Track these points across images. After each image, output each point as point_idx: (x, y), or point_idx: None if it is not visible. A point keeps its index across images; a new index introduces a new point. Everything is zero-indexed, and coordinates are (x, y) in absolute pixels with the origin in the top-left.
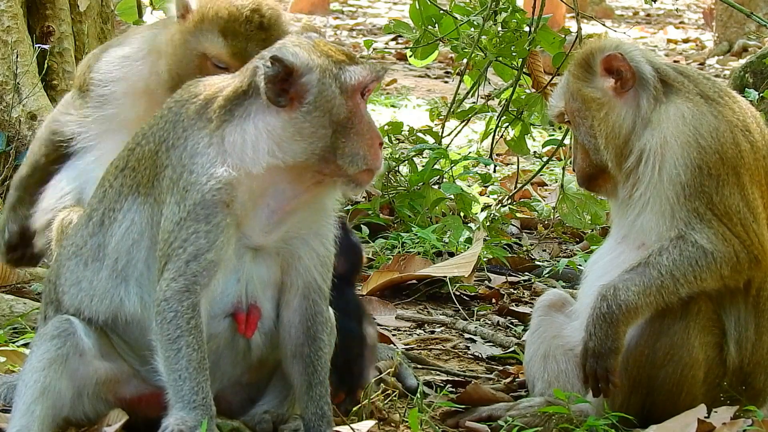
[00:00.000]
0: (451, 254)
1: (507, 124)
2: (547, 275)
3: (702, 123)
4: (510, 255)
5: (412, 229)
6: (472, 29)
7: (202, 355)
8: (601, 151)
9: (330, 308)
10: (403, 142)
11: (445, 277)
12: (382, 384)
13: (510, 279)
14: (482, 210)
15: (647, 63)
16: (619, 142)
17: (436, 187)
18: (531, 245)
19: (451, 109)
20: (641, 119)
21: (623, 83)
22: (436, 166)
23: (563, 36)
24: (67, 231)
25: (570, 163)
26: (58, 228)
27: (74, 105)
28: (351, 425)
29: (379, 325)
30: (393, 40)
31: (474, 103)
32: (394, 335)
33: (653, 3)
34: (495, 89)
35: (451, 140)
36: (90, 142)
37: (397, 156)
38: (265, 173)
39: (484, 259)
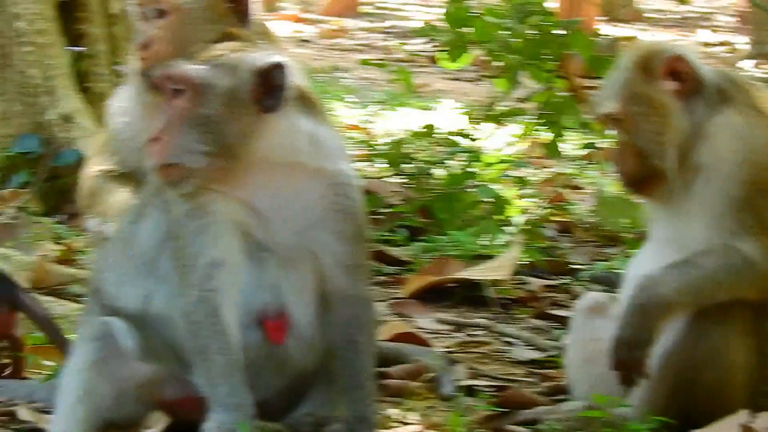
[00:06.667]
0: (489, 257)
1: (541, 127)
2: (585, 279)
3: (758, 140)
4: (547, 258)
5: (449, 232)
6: (505, 32)
7: (232, 357)
8: (667, 157)
9: (372, 309)
10: (440, 145)
11: (483, 280)
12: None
13: (548, 282)
14: (519, 213)
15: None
16: (682, 150)
17: (471, 190)
18: (568, 248)
19: (486, 112)
20: (697, 128)
21: (685, 87)
22: (471, 169)
23: (596, 39)
24: None
25: (607, 166)
26: None
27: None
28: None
29: (418, 328)
30: (426, 43)
31: (508, 106)
32: (433, 338)
33: (683, 4)
34: (529, 92)
35: (487, 143)
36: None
37: (431, 159)
38: None
39: (522, 263)
